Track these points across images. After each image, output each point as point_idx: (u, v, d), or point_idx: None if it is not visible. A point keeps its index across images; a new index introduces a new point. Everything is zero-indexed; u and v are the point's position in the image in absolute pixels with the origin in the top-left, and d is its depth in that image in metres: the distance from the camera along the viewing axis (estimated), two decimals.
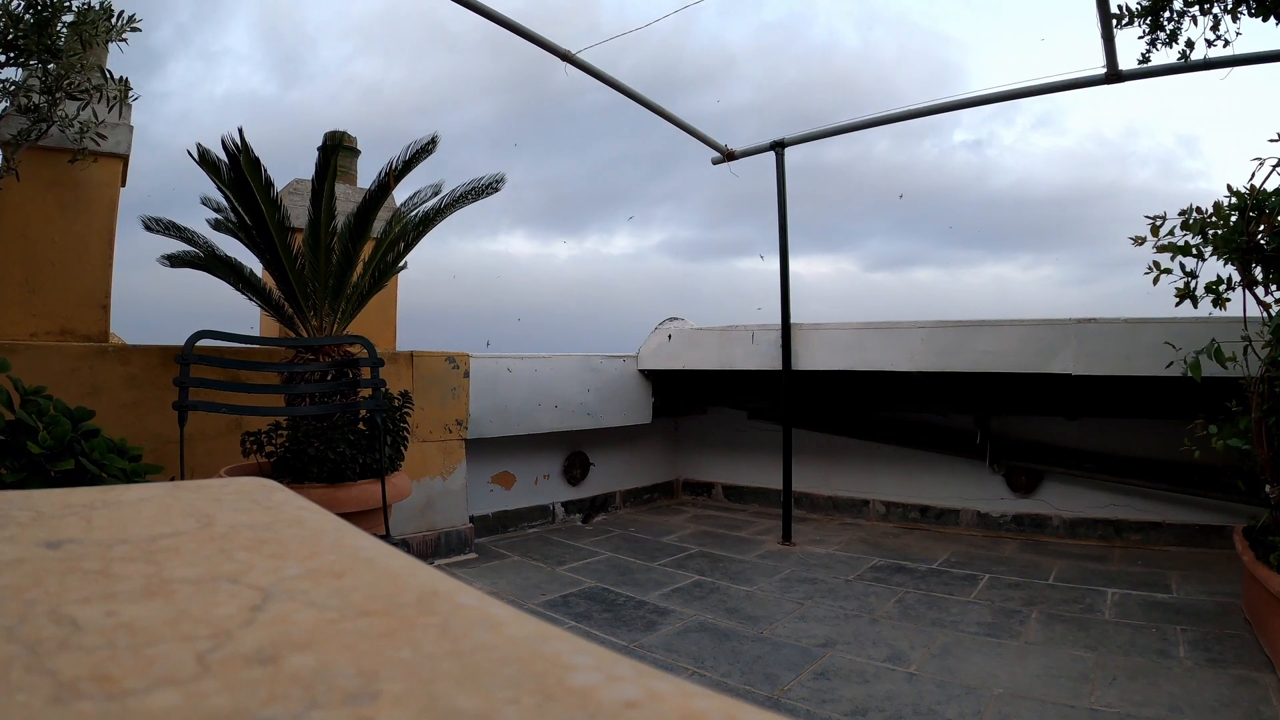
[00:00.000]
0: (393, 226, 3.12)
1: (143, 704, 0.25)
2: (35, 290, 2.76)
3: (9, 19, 2.29)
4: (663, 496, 5.29)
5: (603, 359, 4.61)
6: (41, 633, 0.30)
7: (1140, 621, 2.62)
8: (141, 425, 2.69)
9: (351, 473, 2.70)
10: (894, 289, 71.92)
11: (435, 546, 3.58)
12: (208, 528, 0.47)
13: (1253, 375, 2.47)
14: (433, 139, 2.94)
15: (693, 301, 16.16)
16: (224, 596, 0.35)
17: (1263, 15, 2.59)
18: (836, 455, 4.75)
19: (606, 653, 0.30)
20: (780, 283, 4.13)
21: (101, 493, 0.55)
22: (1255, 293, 2.53)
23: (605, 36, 3.52)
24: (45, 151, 2.69)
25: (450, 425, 3.70)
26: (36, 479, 1.82)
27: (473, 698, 0.26)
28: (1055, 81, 3.48)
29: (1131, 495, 3.89)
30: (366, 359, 2.77)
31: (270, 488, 0.59)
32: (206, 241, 3.02)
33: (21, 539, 0.42)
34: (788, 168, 4.16)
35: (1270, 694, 2.01)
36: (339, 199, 2.99)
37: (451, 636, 0.31)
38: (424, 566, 0.41)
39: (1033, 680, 2.13)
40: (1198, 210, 2.58)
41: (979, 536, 4.12)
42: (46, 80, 2.46)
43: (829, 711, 1.96)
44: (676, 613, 2.79)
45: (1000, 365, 3.62)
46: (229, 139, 2.53)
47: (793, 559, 3.63)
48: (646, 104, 3.98)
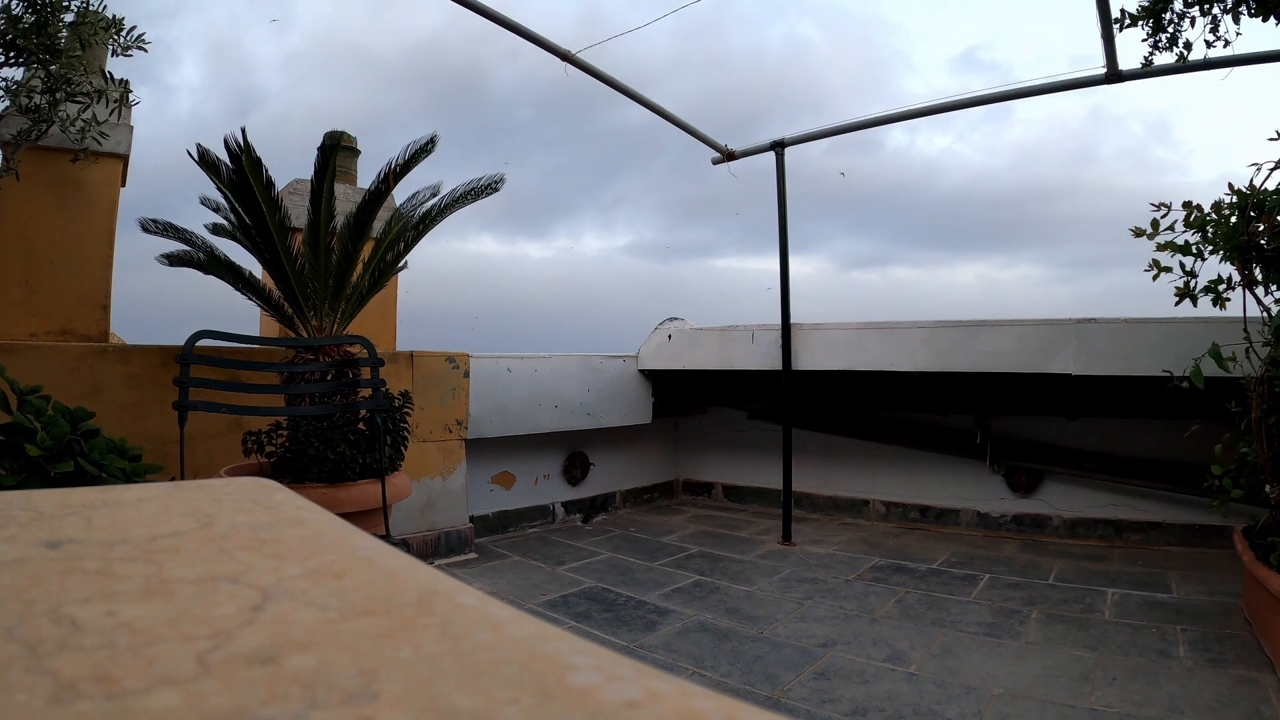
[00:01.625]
0: (392, 226, 3.12)
1: (143, 704, 0.25)
2: (35, 290, 2.76)
3: (9, 19, 2.29)
4: (663, 496, 5.29)
5: (603, 359, 4.61)
6: (41, 633, 0.30)
7: (1140, 621, 2.62)
8: (141, 425, 2.68)
9: (351, 473, 2.70)
10: (879, 287, 71.79)
11: (435, 546, 3.58)
12: (208, 528, 0.47)
13: (1253, 375, 2.47)
14: (431, 139, 2.94)
15: (674, 299, 16.16)
16: (224, 596, 0.35)
17: (1262, 15, 2.59)
18: (836, 455, 4.75)
19: (606, 653, 0.30)
20: (780, 283, 4.13)
21: (101, 493, 0.55)
22: (1255, 292, 2.53)
23: (604, 37, 3.52)
24: (45, 151, 2.69)
25: (450, 425, 3.70)
26: (36, 480, 1.81)
27: (473, 698, 0.26)
28: (1055, 81, 3.47)
29: (1131, 495, 3.89)
30: (366, 359, 2.77)
31: (270, 488, 0.59)
32: (205, 242, 3.02)
33: (21, 539, 0.42)
34: (750, 172, 4.19)
35: (1270, 694, 2.01)
36: (339, 199, 2.99)
37: (451, 636, 0.31)
38: (424, 566, 0.41)
39: (1033, 680, 2.13)
40: (1197, 208, 2.58)
41: (979, 536, 4.12)
42: (47, 80, 2.47)
43: (829, 711, 1.96)
44: (676, 613, 2.79)
45: (1000, 365, 3.62)
46: (231, 139, 2.53)
47: (793, 559, 3.63)
48: (647, 104, 3.98)
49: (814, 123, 4.01)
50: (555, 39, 3.46)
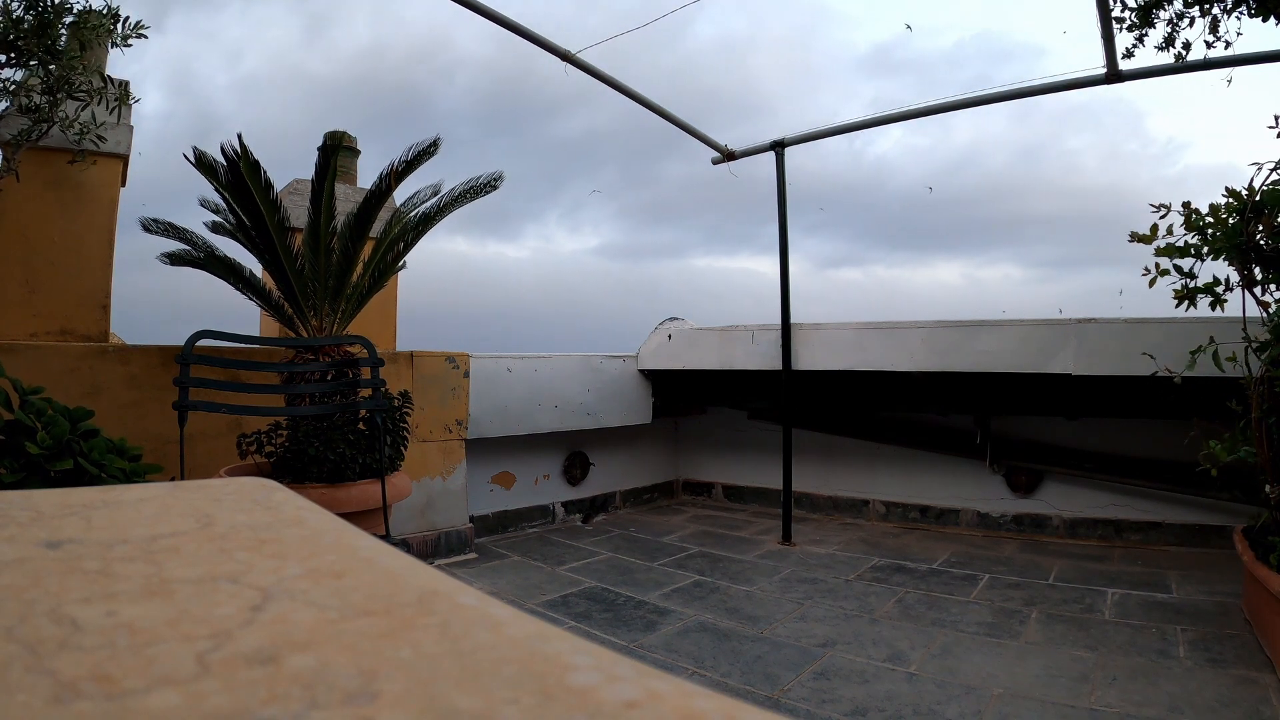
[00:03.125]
0: (392, 226, 3.12)
1: (143, 704, 0.25)
2: (35, 290, 2.76)
3: (10, 21, 2.29)
4: (663, 496, 5.29)
5: (603, 359, 4.61)
6: (41, 633, 0.30)
7: (1140, 621, 2.62)
8: (141, 425, 2.68)
9: (351, 473, 2.70)
10: (863, 286, 71.31)
11: (435, 546, 3.58)
12: (208, 528, 0.47)
13: (1253, 376, 2.47)
14: (434, 141, 2.94)
15: (653, 297, 16.08)
16: (224, 596, 0.35)
17: (1262, 15, 2.59)
18: (836, 455, 4.75)
19: (606, 653, 0.30)
20: (780, 283, 4.13)
21: (101, 493, 0.55)
22: (1254, 293, 2.53)
23: (604, 37, 3.52)
24: (45, 152, 2.69)
25: (450, 425, 3.70)
26: (35, 479, 1.82)
27: (473, 698, 0.26)
28: (1055, 81, 3.47)
29: (1131, 495, 3.89)
30: (366, 359, 2.77)
31: (270, 488, 0.59)
32: (205, 241, 3.02)
33: (21, 539, 0.42)
34: (714, 176, 4.20)
35: (1270, 694, 2.01)
36: (339, 199, 2.99)
37: (451, 636, 0.31)
38: (424, 566, 0.41)
39: (1033, 680, 2.13)
40: (1195, 210, 2.58)
41: (979, 536, 4.12)
42: (47, 81, 2.47)
43: (829, 711, 1.96)
44: (676, 613, 2.79)
45: (1000, 365, 3.62)
46: (228, 145, 2.54)
47: (793, 559, 3.63)
48: (647, 104, 3.98)
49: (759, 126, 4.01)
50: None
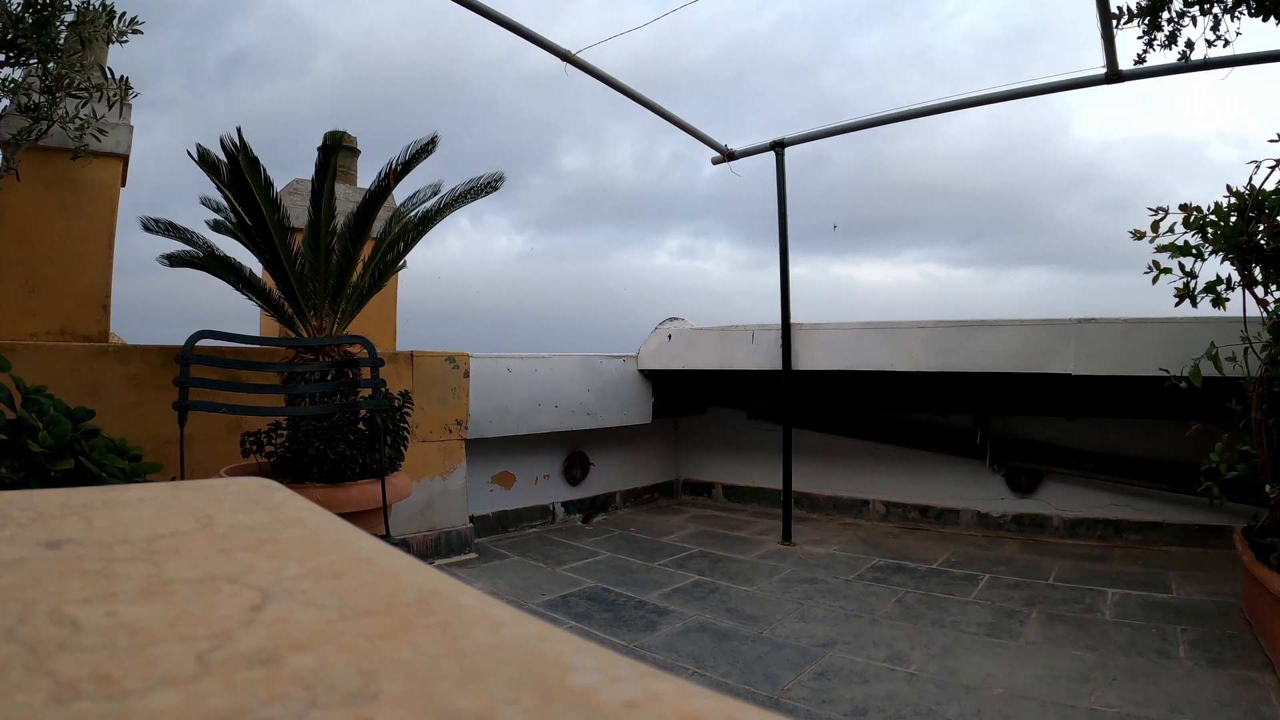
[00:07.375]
0: (392, 226, 3.12)
1: (143, 704, 0.25)
2: (35, 290, 2.76)
3: (9, 19, 2.29)
4: (663, 496, 5.29)
5: (603, 359, 4.61)
6: (41, 633, 0.30)
7: (1140, 621, 2.62)
8: (141, 425, 2.68)
9: (351, 473, 2.70)
10: (852, 284, 71.06)
11: (435, 546, 3.58)
12: (208, 528, 0.47)
13: (1253, 376, 2.47)
14: (433, 139, 2.93)
15: (605, 294, 16.02)
16: (224, 597, 0.35)
17: (1263, 15, 2.59)
18: (836, 455, 4.75)
19: (606, 653, 0.30)
20: (780, 283, 4.13)
21: (101, 493, 0.55)
22: (1255, 293, 2.53)
23: (601, 38, 3.52)
24: (45, 151, 2.69)
25: (450, 425, 3.70)
26: (36, 478, 1.82)
27: (473, 698, 0.26)
28: (1055, 81, 3.47)
29: (1131, 495, 3.88)
30: (366, 359, 2.77)
31: (270, 488, 0.59)
32: (206, 242, 3.02)
33: (21, 539, 0.42)
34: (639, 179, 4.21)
35: (1270, 694, 2.01)
36: (339, 199, 2.99)
37: (451, 637, 0.31)
38: (424, 566, 0.41)
39: (1033, 680, 2.13)
40: (1197, 209, 2.58)
41: (979, 536, 4.12)
42: (46, 79, 2.46)
43: (829, 711, 1.96)
44: (676, 613, 2.79)
45: (1000, 365, 3.62)
46: (227, 139, 2.53)
47: (793, 559, 3.63)
48: (648, 104, 3.98)
49: None
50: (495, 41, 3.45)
